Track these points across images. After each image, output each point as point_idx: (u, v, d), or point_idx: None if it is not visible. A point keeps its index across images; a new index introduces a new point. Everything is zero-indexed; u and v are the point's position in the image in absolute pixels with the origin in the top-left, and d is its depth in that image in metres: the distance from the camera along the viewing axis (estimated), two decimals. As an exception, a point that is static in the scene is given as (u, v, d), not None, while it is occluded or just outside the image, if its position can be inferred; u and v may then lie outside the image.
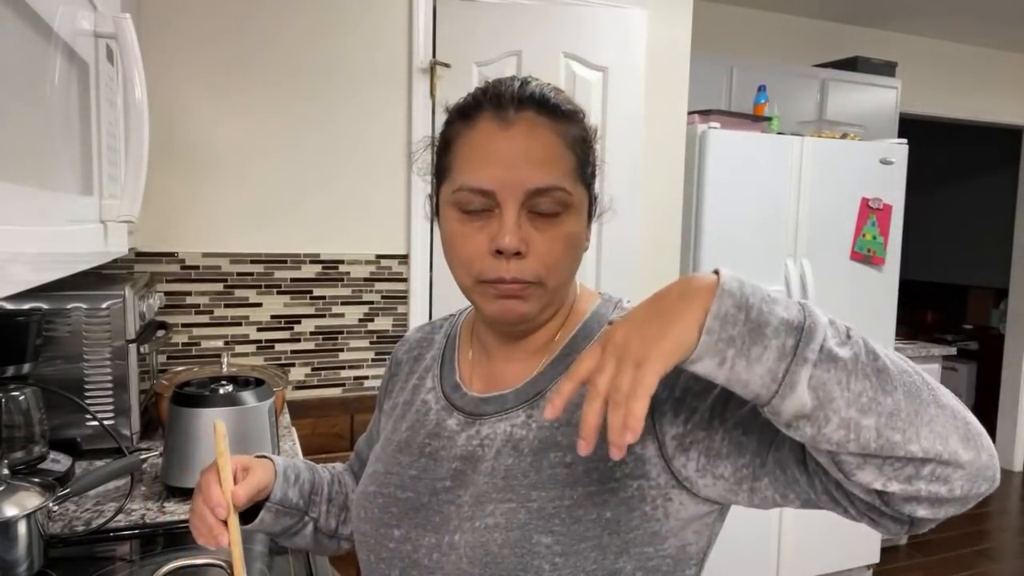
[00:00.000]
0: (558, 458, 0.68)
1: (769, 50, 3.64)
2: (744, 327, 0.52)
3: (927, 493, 0.55)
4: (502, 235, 0.67)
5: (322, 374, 2.31)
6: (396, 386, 0.88)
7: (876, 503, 0.57)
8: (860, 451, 0.53)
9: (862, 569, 3.08)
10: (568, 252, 0.70)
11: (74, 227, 0.70)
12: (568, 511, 0.66)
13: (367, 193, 2.30)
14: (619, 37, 2.47)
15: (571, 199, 0.69)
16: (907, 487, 0.54)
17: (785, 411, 0.53)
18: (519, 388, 0.74)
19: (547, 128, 0.68)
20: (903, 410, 0.53)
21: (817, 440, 0.54)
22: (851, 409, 0.52)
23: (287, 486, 0.83)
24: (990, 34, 4.00)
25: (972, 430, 0.56)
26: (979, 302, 5.66)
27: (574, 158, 0.69)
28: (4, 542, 0.98)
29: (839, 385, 0.52)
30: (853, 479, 0.55)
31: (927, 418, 0.54)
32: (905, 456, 0.53)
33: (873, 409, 0.53)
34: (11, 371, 1.33)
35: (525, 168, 0.67)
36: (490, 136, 0.68)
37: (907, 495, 0.55)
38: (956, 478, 0.55)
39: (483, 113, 0.69)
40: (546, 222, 0.68)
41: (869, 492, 0.56)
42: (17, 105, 0.52)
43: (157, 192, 2.04)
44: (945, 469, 0.54)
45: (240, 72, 2.14)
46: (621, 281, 2.52)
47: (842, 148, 2.85)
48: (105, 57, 0.85)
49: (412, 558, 0.71)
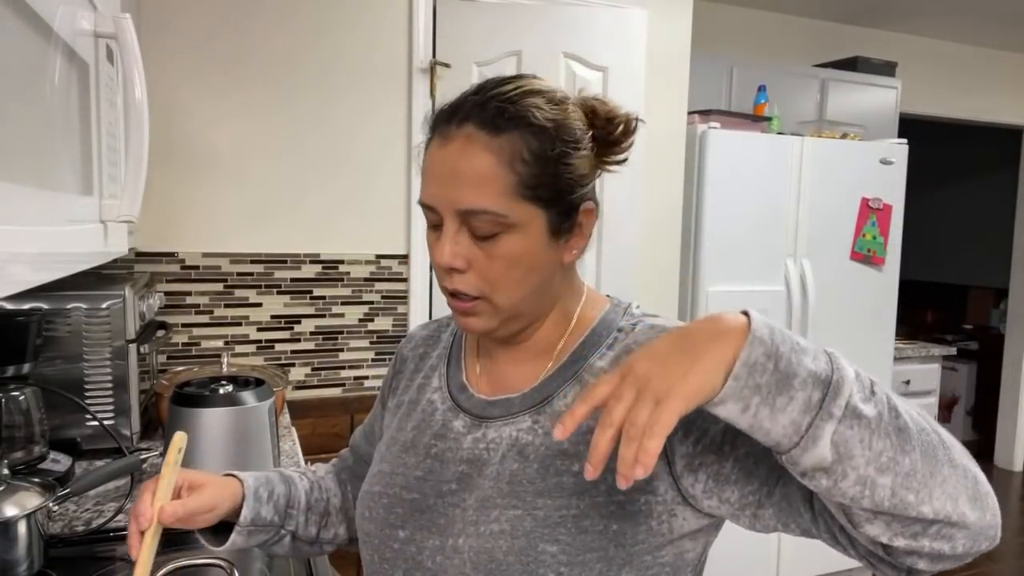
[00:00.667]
0: (565, 466, 0.68)
1: (769, 50, 3.64)
2: (772, 376, 0.52)
3: (930, 550, 0.56)
4: (439, 251, 0.68)
5: (322, 374, 2.31)
6: (401, 384, 0.87)
7: (878, 552, 0.58)
8: (873, 508, 0.54)
9: (862, 569, 3.08)
10: (512, 271, 0.68)
11: (74, 227, 0.70)
12: (575, 521, 0.65)
13: (367, 193, 2.30)
14: (619, 37, 2.47)
15: (506, 220, 0.66)
16: (912, 543, 0.55)
17: (804, 463, 0.53)
18: (525, 393, 0.74)
19: (481, 145, 0.66)
20: (919, 471, 0.54)
21: (832, 493, 0.54)
22: (870, 467, 0.53)
23: (259, 505, 0.81)
24: (990, 34, 4.00)
25: (980, 490, 0.57)
26: (979, 302, 5.66)
27: (512, 176, 0.65)
28: (4, 542, 0.98)
29: (861, 444, 0.52)
30: (860, 530, 0.56)
31: (940, 479, 0.55)
32: (916, 517, 0.54)
33: (891, 469, 0.53)
34: (11, 371, 1.33)
35: (454, 188, 0.66)
36: (433, 152, 0.69)
37: (910, 550, 0.56)
38: (960, 537, 0.56)
39: (436, 127, 0.70)
40: (485, 241, 0.67)
41: (874, 543, 0.57)
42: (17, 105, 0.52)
43: (157, 192, 2.04)
44: (951, 529, 0.56)
45: (240, 72, 2.14)
46: (621, 281, 2.52)
47: (842, 148, 2.85)
48: (105, 57, 0.85)
49: (416, 560, 0.71)
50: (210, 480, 0.78)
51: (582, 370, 0.72)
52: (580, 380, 0.72)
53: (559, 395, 0.72)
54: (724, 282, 2.71)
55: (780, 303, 2.80)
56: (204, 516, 0.75)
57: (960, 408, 5.34)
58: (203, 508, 0.75)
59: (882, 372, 3.03)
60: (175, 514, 0.72)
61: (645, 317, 0.76)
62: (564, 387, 0.72)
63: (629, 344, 0.72)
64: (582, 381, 0.72)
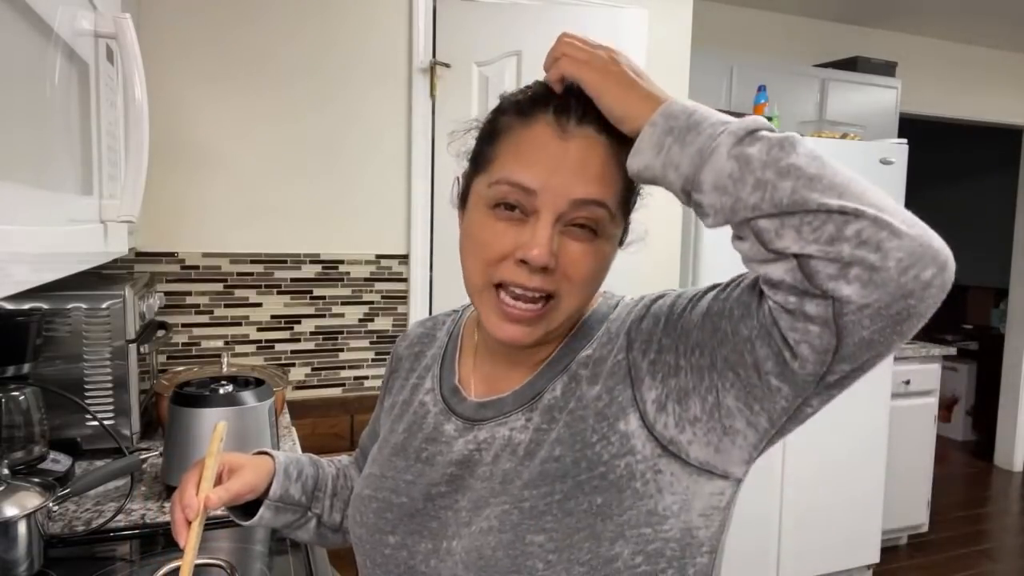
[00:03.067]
0: (548, 452, 0.67)
1: (769, 50, 3.64)
2: (686, 122, 0.58)
3: (851, 256, 0.50)
4: (532, 245, 0.63)
5: (322, 374, 2.31)
6: (396, 383, 0.86)
7: (798, 283, 0.52)
8: (774, 209, 0.52)
9: (862, 569, 3.08)
10: (595, 273, 0.68)
11: (74, 227, 0.70)
12: (559, 505, 0.64)
13: (367, 193, 2.30)
14: (619, 37, 2.47)
15: (611, 220, 0.67)
16: (828, 248, 0.50)
17: (706, 181, 0.56)
18: (516, 391, 0.73)
19: (605, 148, 0.65)
20: (826, 178, 0.52)
21: (735, 210, 0.55)
22: (768, 171, 0.53)
23: (288, 482, 0.82)
24: (990, 34, 4.00)
25: (907, 215, 0.52)
26: (979, 302, 5.66)
27: (624, 183, 0.67)
28: (4, 542, 0.98)
29: (760, 153, 0.54)
30: (771, 247, 0.53)
31: (858, 189, 0.52)
32: (819, 209, 0.51)
33: (792, 174, 0.53)
34: (11, 371, 1.33)
35: (573, 178, 0.64)
36: (545, 139, 0.65)
37: (829, 258, 0.50)
38: (891, 247, 0.50)
39: (543, 115, 0.66)
40: (580, 238, 0.66)
41: (791, 270, 0.52)
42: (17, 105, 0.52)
43: (157, 192, 2.04)
44: (875, 231, 0.50)
45: (240, 72, 2.14)
46: (621, 281, 2.51)
47: (842, 148, 2.85)
48: (105, 57, 0.85)
49: (408, 564, 0.71)
50: (247, 461, 0.80)
51: (570, 363, 0.71)
52: (569, 372, 0.71)
53: (549, 389, 0.71)
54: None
55: (780, 303, 2.80)
56: (245, 497, 0.78)
57: (960, 408, 5.35)
58: (245, 490, 0.77)
59: (882, 372, 3.02)
60: (221, 499, 0.74)
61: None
62: (554, 381, 0.71)
63: (610, 327, 0.71)
64: (571, 373, 0.70)
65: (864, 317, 0.51)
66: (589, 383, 0.68)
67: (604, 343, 0.70)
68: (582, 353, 0.72)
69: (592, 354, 0.70)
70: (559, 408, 0.69)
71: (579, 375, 0.70)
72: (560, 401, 0.70)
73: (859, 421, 2.94)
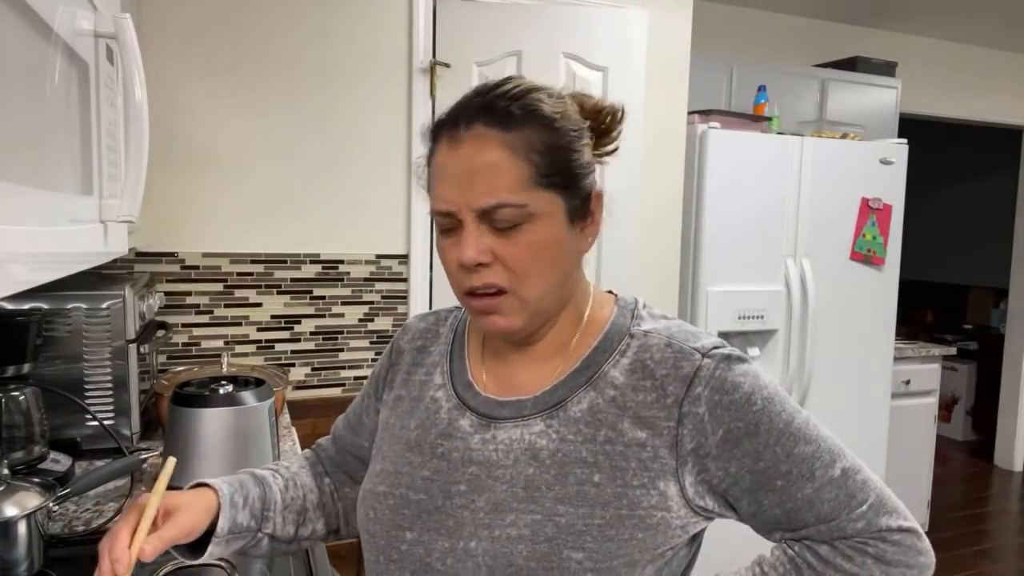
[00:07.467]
0: (585, 475, 0.69)
1: (769, 50, 3.64)
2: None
3: None
4: (462, 252, 0.69)
5: (322, 374, 2.31)
6: (397, 376, 0.86)
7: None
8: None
9: (862, 569, 3.07)
10: (539, 260, 0.69)
11: (74, 227, 0.70)
12: (600, 530, 0.67)
13: (367, 193, 2.30)
14: (619, 37, 2.47)
15: (526, 210, 0.68)
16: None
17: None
18: (537, 396, 0.74)
19: (494, 140, 0.68)
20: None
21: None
22: None
23: (235, 512, 0.78)
24: (990, 34, 4.00)
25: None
26: (979, 302, 5.66)
27: (528, 167, 0.68)
28: (4, 542, 0.98)
29: None
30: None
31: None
32: None
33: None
34: (11, 371, 1.33)
35: (471, 188, 0.67)
36: (443, 157, 0.70)
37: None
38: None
39: (442, 133, 0.71)
40: (508, 233, 0.68)
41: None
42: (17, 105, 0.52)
43: (157, 192, 2.04)
44: None
45: (240, 72, 2.14)
46: (622, 282, 2.52)
47: (842, 148, 2.85)
48: (105, 57, 0.85)
49: (424, 562, 0.71)
50: (184, 501, 0.74)
51: (596, 377, 0.73)
52: (595, 387, 0.72)
53: (573, 400, 0.72)
54: (724, 282, 2.71)
55: (780, 303, 2.80)
56: (183, 540, 0.73)
57: (960, 408, 5.35)
58: (182, 535, 0.72)
59: (882, 372, 3.02)
60: (156, 550, 0.68)
61: (653, 317, 0.77)
62: (578, 392, 0.72)
63: (643, 358, 0.73)
64: (597, 389, 0.72)
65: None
66: (631, 423, 0.70)
67: (643, 382, 0.72)
68: (610, 371, 0.73)
69: (625, 383, 0.72)
70: (587, 423, 0.71)
71: (611, 398, 0.71)
72: (587, 416, 0.71)
73: (859, 421, 2.94)
